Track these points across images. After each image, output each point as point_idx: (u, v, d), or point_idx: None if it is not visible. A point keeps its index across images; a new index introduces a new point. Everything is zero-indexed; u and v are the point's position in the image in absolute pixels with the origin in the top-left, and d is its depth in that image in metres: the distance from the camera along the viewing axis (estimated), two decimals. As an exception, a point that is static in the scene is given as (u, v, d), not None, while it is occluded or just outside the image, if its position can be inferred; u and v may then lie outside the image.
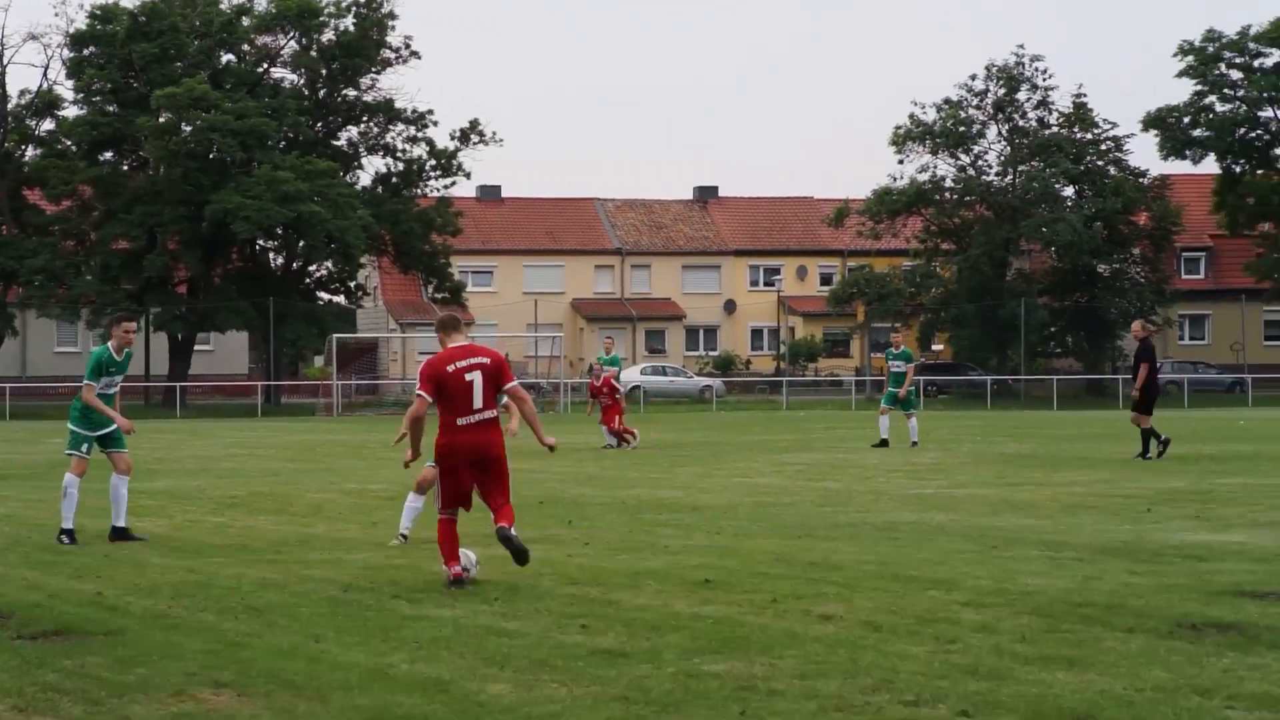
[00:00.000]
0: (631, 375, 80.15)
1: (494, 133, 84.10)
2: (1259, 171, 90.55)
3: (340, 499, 23.04)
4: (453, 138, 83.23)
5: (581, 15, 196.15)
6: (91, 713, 9.13)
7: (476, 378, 13.59)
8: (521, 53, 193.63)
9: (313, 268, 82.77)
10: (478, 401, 13.58)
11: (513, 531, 13.49)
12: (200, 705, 9.27)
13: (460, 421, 13.58)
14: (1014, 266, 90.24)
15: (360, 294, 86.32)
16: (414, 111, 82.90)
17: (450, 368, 13.60)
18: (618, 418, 36.65)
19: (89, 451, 18.06)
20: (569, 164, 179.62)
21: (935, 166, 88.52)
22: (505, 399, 14.12)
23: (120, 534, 17.70)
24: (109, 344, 17.88)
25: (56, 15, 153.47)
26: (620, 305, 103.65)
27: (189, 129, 75.52)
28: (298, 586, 13.73)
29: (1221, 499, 21.17)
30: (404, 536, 16.89)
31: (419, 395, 13.85)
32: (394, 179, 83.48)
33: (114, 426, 17.88)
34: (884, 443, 35.35)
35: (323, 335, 77.27)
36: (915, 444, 35.20)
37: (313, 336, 77.50)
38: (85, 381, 17.64)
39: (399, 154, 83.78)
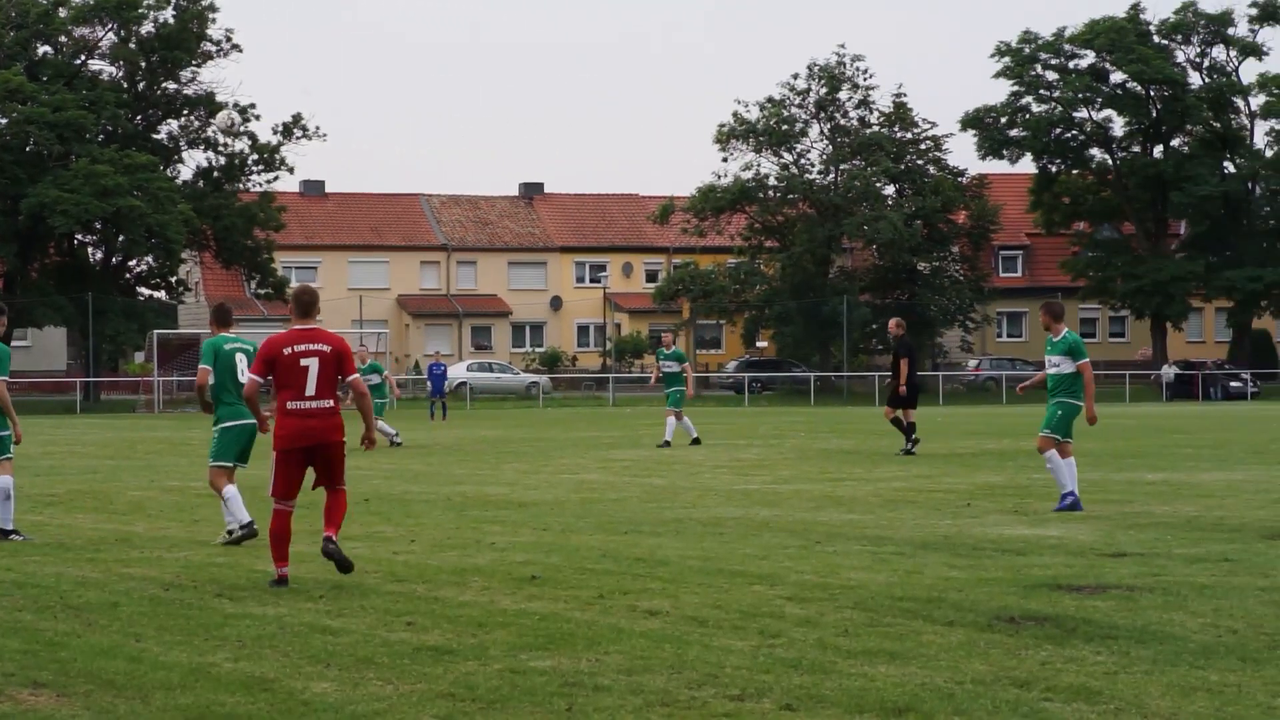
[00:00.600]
0: (457, 372, 79.98)
1: (317, 127, 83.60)
2: (1074, 171, 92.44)
3: (161, 496, 22.74)
4: (275, 132, 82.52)
5: (406, 7, 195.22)
6: (-95, 716, 8.95)
7: (313, 363, 13.22)
8: (345, 45, 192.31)
9: (133, 263, 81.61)
10: (310, 388, 13.22)
11: (336, 542, 13.24)
12: (18, 705, 9.11)
13: (291, 406, 13.25)
14: (836, 264, 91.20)
15: (181, 289, 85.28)
16: (235, 105, 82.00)
17: (288, 350, 13.22)
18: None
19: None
20: (393, 159, 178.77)
21: (759, 164, 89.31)
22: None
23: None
24: None
25: None
26: (446, 301, 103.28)
27: (4, 121, 74.14)
28: (118, 585, 13.54)
29: (1038, 494, 21.52)
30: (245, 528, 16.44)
31: (250, 376, 13.75)
32: (216, 173, 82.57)
33: None
34: (667, 444, 34.40)
35: (143, 331, 76.17)
36: (668, 444, 34.35)
37: (133, 332, 76.38)
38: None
39: (220, 148, 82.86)
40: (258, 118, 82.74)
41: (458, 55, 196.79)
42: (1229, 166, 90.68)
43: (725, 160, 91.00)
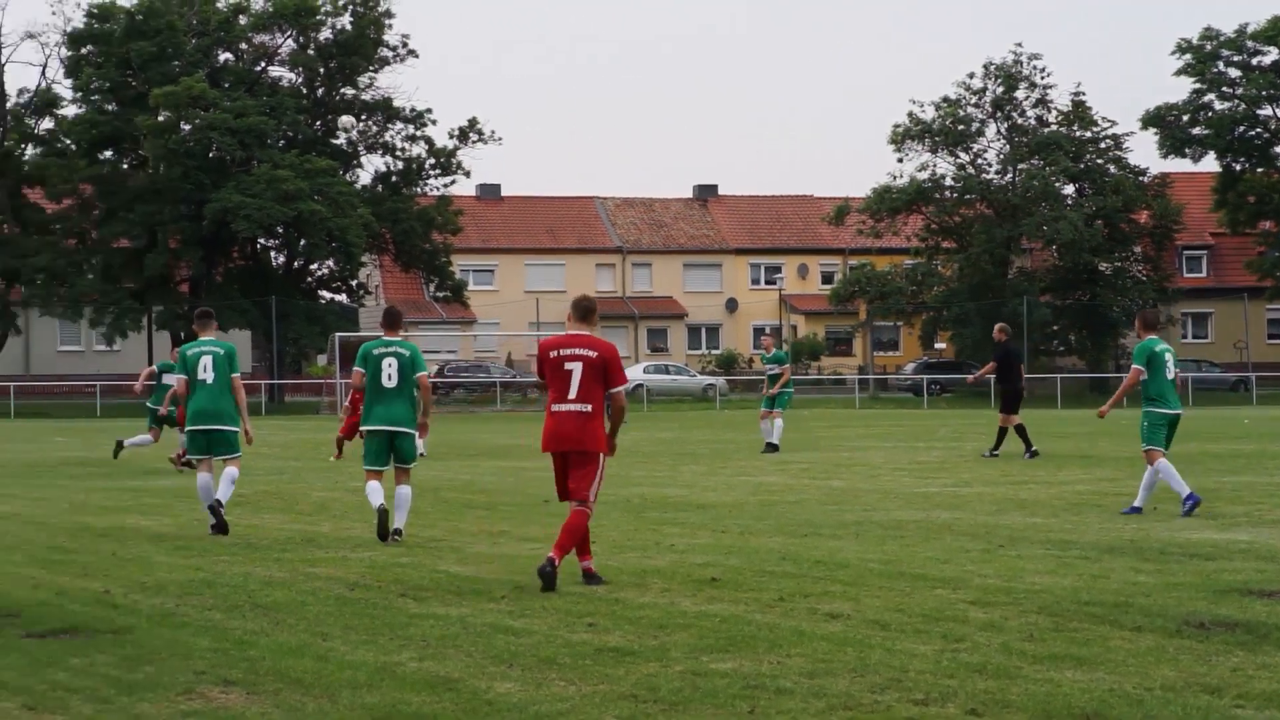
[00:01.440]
0: (634, 374, 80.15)
1: (493, 131, 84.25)
2: (1259, 169, 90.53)
3: (345, 497, 23.02)
4: (451, 136, 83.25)
5: (580, 11, 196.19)
6: (101, 711, 9.12)
7: (577, 367, 13.66)
8: (520, 51, 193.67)
9: (314, 266, 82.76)
10: (572, 392, 13.65)
11: (555, 566, 13.36)
12: (209, 703, 9.26)
13: (554, 408, 13.75)
14: (1015, 264, 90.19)
15: (362, 292, 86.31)
16: (412, 110, 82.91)
17: (554, 353, 13.78)
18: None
19: None
20: (568, 162, 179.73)
21: (935, 165, 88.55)
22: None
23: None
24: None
25: (54, 14, 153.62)
26: (622, 304, 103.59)
27: (188, 128, 75.52)
28: (304, 585, 13.73)
29: (1227, 497, 21.16)
30: (399, 532, 16.88)
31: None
32: (393, 177, 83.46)
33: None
34: (771, 447, 33.79)
35: (325, 334, 77.21)
36: (774, 446, 33.80)
37: (315, 335, 77.50)
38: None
39: (398, 152, 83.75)
40: (434, 122, 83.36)
41: (632, 56, 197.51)
42: None
43: (900, 161, 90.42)
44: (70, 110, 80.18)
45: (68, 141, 78.80)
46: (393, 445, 17.02)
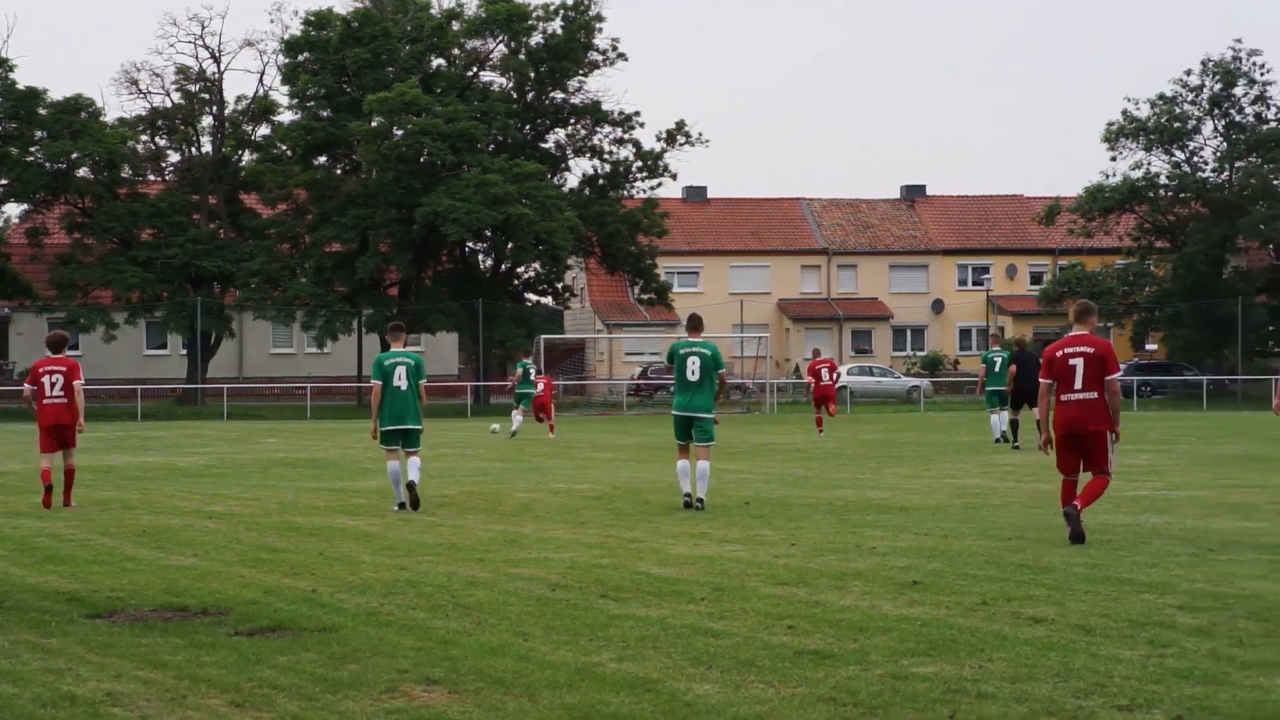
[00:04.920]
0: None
1: (700, 133, 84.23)
2: None
3: (548, 499, 23.21)
4: (659, 139, 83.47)
5: (786, 13, 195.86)
6: (307, 708, 9.28)
7: (1079, 363, 16.43)
8: (727, 52, 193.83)
9: (520, 269, 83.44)
10: (1078, 382, 16.43)
11: (1078, 510, 16.45)
12: (412, 702, 9.38)
13: (1063, 398, 16.50)
14: (1231, 264, 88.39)
15: (567, 295, 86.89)
16: (620, 113, 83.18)
17: (1059, 352, 16.64)
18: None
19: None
20: (774, 164, 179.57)
21: (1149, 163, 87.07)
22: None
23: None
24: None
25: (272, 22, 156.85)
26: (827, 305, 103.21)
27: (400, 133, 76.51)
28: (506, 585, 13.85)
29: None
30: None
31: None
32: (601, 180, 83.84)
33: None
34: (1004, 438, 37.10)
35: (530, 336, 77.86)
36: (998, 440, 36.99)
37: (520, 338, 78.11)
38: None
39: (606, 156, 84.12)
40: (641, 125, 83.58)
41: (838, 57, 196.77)
42: None
43: (1114, 159, 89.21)
44: (286, 117, 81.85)
45: (283, 147, 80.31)
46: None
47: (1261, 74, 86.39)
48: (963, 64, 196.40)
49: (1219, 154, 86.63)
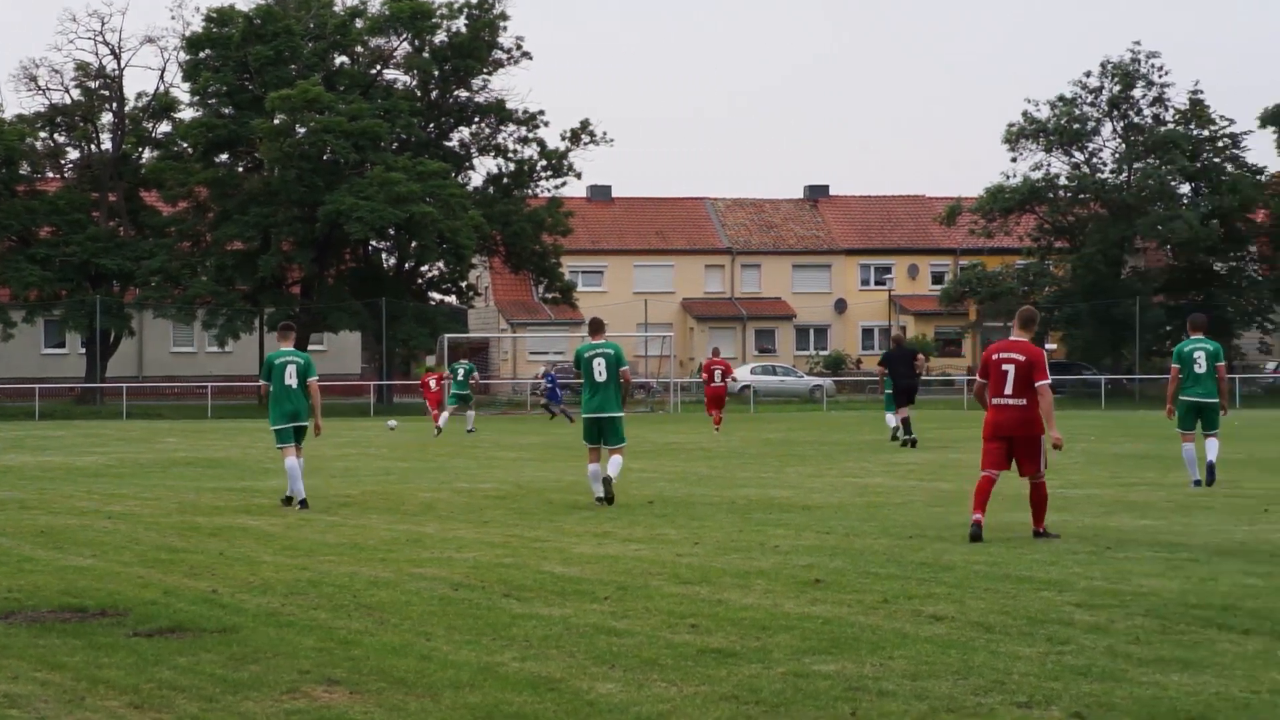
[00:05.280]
0: (741, 375, 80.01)
1: (604, 133, 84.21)
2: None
3: (451, 498, 23.16)
4: (563, 138, 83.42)
5: (691, 13, 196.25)
6: (206, 710, 9.22)
7: (1011, 369, 16.81)
8: (631, 51, 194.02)
9: (424, 268, 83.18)
10: (1009, 388, 16.87)
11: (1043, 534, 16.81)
12: (313, 702, 9.34)
13: (994, 401, 16.98)
14: (1129, 265, 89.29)
15: (471, 294, 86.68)
16: (525, 112, 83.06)
17: (995, 356, 17.02)
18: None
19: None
20: (679, 164, 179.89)
21: (1049, 164, 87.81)
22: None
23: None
24: None
25: (173, 18, 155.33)
26: (730, 305, 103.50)
27: (302, 131, 76.07)
28: (409, 585, 13.81)
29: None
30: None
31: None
32: (505, 179, 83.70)
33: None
34: (895, 436, 37.60)
35: (434, 335, 77.61)
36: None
37: (424, 336, 77.89)
38: None
39: (510, 154, 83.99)
40: (546, 124, 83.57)
41: (743, 57, 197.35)
42: None
43: (1014, 160, 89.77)
44: (187, 114, 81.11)
45: (184, 145, 79.60)
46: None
47: (1160, 76, 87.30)
48: (867, 64, 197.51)
49: (1118, 155, 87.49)
